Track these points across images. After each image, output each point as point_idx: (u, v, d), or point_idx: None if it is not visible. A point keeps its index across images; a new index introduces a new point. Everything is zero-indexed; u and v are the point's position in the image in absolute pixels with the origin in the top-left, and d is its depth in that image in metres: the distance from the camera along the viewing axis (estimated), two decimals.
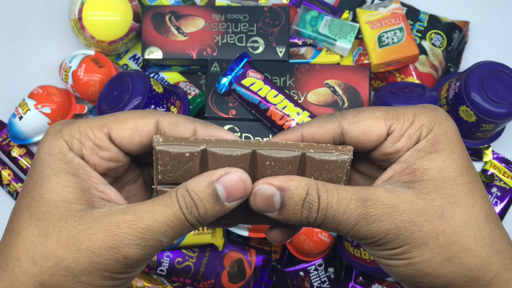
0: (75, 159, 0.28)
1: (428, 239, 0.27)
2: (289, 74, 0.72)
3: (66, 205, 0.27)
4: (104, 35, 0.73)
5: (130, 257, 0.27)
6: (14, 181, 0.76)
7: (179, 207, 0.27)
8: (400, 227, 0.27)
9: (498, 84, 0.64)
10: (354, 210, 0.28)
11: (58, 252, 0.26)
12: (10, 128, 0.74)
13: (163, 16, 0.74)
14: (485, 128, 0.67)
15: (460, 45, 0.77)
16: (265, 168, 0.30)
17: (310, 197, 0.28)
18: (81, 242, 0.26)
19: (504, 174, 0.74)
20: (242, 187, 0.28)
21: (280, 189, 0.28)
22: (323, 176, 0.30)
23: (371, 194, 0.28)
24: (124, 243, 0.26)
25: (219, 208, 0.28)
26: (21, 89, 0.78)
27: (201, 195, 0.28)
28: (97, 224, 0.26)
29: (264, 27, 0.73)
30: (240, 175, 0.28)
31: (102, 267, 0.26)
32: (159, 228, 0.27)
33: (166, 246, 0.28)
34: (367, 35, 0.73)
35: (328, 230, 0.29)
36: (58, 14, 0.81)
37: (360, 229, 0.28)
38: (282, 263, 0.74)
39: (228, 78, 0.69)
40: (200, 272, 0.69)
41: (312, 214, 0.28)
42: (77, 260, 0.26)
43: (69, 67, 0.73)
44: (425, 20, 0.76)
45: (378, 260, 0.30)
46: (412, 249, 0.27)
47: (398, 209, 0.27)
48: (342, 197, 0.28)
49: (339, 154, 0.30)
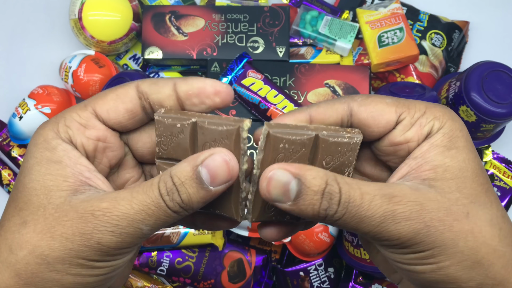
0: (60, 146, 0.27)
1: (459, 240, 0.25)
2: (289, 74, 0.72)
3: (46, 193, 0.26)
4: (104, 35, 0.73)
5: (105, 244, 0.26)
6: (14, 181, 0.76)
7: (158, 193, 0.26)
8: (430, 226, 0.25)
9: (498, 84, 0.64)
10: (379, 206, 0.25)
11: (33, 239, 0.26)
12: (10, 128, 0.74)
13: (163, 16, 0.74)
14: (485, 128, 0.67)
15: (460, 45, 0.77)
16: (278, 151, 0.27)
17: (330, 187, 0.25)
18: (56, 229, 0.26)
19: (504, 174, 0.74)
20: (226, 169, 0.26)
21: (297, 176, 0.25)
22: (335, 161, 0.28)
23: (397, 190, 0.26)
24: (98, 229, 0.25)
25: (204, 193, 0.26)
26: (21, 89, 0.78)
27: (184, 180, 0.26)
28: (73, 211, 0.26)
29: (264, 27, 0.73)
30: (224, 156, 0.26)
31: (76, 254, 0.25)
32: (136, 215, 0.26)
33: (149, 233, 0.27)
34: (367, 35, 0.73)
35: (346, 228, 0.26)
36: (58, 14, 0.81)
37: (386, 228, 0.25)
38: (282, 263, 0.74)
39: (228, 78, 0.69)
40: (200, 272, 0.69)
41: (333, 206, 0.25)
42: (50, 247, 0.25)
43: (69, 67, 0.73)
44: (425, 20, 0.76)
45: (399, 265, 0.27)
46: (442, 251, 0.25)
47: (426, 207, 0.25)
48: (365, 191, 0.25)
49: (351, 135, 0.28)
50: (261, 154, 0.27)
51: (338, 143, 0.28)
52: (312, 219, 0.26)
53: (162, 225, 0.27)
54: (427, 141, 0.27)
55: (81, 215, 0.26)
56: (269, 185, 0.26)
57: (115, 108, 0.29)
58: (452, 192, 0.26)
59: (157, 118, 0.28)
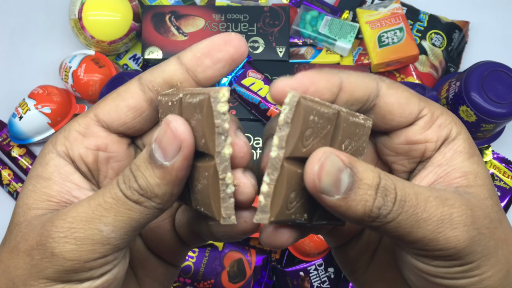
0: (52, 161, 0.25)
1: (498, 249, 0.23)
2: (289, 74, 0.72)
3: (25, 211, 0.24)
4: (104, 35, 0.73)
5: (59, 255, 0.21)
6: (14, 181, 0.76)
7: (116, 183, 0.22)
8: (481, 234, 0.22)
9: (498, 84, 0.64)
10: (436, 208, 0.22)
11: (5, 259, 0.23)
12: (10, 128, 0.74)
13: (163, 16, 0.74)
14: (485, 128, 0.67)
15: (460, 45, 0.77)
16: (308, 125, 0.22)
17: (385, 182, 0.22)
18: (21, 245, 0.23)
19: (504, 174, 0.74)
20: (171, 135, 0.22)
21: (348, 165, 0.21)
22: (352, 145, 0.24)
23: (447, 193, 0.23)
24: (51, 237, 0.22)
25: (161, 171, 0.22)
26: (21, 89, 0.78)
27: (139, 163, 0.22)
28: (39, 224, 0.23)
29: (264, 27, 0.73)
30: (166, 121, 0.22)
31: (38, 271, 0.22)
32: (92, 213, 0.22)
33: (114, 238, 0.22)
34: (367, 35, 0.73)
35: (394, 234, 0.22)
36: (58, 14, 0.81)
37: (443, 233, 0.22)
38: (282, 263, 0.74)
39: (228, 78, 0.69)
40: (200, 272, 0.69)
41: (388, 204, 0.21)
42: (16, 265, 0.22)
43: (69, 67, 0.73)
44: (425, 20, 0.76)
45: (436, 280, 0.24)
46: (486, 261, 0.23)
47: (475, 213, 0.23)
48: (418, 191, 0.22)
49: (364, 118, 0.24)
50: (286, 129, 0.22)
51: (356, 124, 0.24)
52: (356, 220, 0.22)
53: (127, 224, 0.22)
54: (448, 147, 0.25)
55: (43, 224, 0.22)
56: (321, 170, 0.21)
57: (115, 107, 0.25)
58: (486, 199, 0.24)
59: (159, 98, 0.25)
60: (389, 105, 0.25)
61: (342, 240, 0.30)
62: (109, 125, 0.26)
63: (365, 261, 0.30)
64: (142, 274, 0.29)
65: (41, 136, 0.74)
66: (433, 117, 0.25)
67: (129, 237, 0.23)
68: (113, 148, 0.26)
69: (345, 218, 0.22)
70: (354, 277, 0.30)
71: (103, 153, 0.26)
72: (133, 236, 0.23)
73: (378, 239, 0.29)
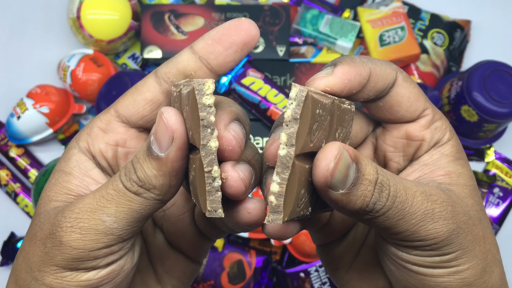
0: (74, 156, 0.26)
1: (476, 245, 0.25)
2: (289, 73, 0.71)
3: (45, 202, 0.25)
4: (102, 34, 0.73)
5: (66, 243, 0.23)
6: (12, 181, 0.75)
7: (118, 176, 0.24)
8: (460, 228, 0.24)
9: (500, 83, 0.64)
10: (421, 203, 0.23)
11: (26, 246, 0.25)
12: (8, 128, 0.73)
13: (162, 15, 0.73)
14: (487, 128, 0.66)
15: (462, 44, 0.77)
16: (315, 119, 0.21)
17: (382, 177, 0.22)
18: (38, 235, 0.24)
19: (507, 174, 0.74)
20: (163, 126, 0.22)
21: (355, 160, 0.22)
22: (343, 132, 0.24)
23: (431, 189, 0.24)
24: (60, 226, 0.23)
25: (157, 162, 0.23)
26: (19, 88, 0.77)
27: (139, 156, 0.23)
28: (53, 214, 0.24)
29: (264, 26, 0.73)
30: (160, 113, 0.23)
31: (49, 259, 0.23)
32: (96, 204, 0.23)
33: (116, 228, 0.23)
34: (368, 34, 0.73)
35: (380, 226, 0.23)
36: (56, 13, 0.81)
37: (424, 226, 0.23)
38: (282, 264, 0.73)
39: (228, 78, 0.68)
40: (200, 273, 0.69)
41: (382, 200, 0.22)
42: (33, 252, 0.24)
43: (68, 66, 0.72)
44: (427, 19, 0.75)
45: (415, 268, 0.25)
46: (463, 254, 0.24)
47: (455, 209, 0.24)
48: (406, 186, 0.23)
49: (349, 103, 0.24)
50: (294, 126, 0.21)
51: (345, 110, 0.24)
52: (352, 213, 0.23)
53: (128, 215, 0.23)
54: (436, 150, 0.27)
55: (55, 215, 0.24)
56: (336, 167, 0.21)
57: (133, 101, 0.26)
58: (467, 198, 0.26)
59: (172, 90, 0.25)
60: (399, 96, 0.26)
61: (330, 238, 0.31)
62: (128, 120, 0.26)
63: (348, 259, 0.30)
64: (161, 269, 0.30)
65: (39, 136, 0.73)
66: (433, 119, 0.26)
67: (132, 228, 0.24)
68: (131, 143, 0.27)
69: (341, 211, 0.23)
70: (336, 275, 0.31)
71: (122, 149, 0.27)
72: (137, 228, 0.24)
73: (363, 238, 0.30)
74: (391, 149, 0.28)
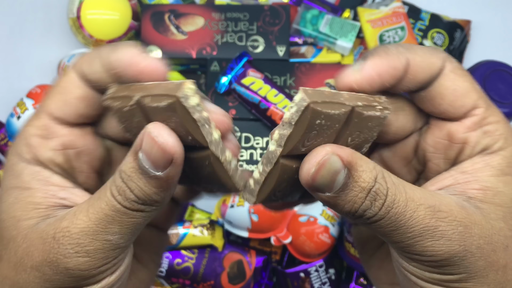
0: (26, 170, 0.24)
1: (489, 272, 0.22)
2: (289, 73, 0.71)
3: (14, 224, 0.23)
4: (102, 34, 0.73)
5: (74, 268, 0.22)
6: None
7: (110, 195, 0.22)
8: (468, 252, 0.22)
9: (500, 83, 0.64)
10: (422, 219, 0.22)
11: (10, 275, 0.23)
12: (8, 128, 0.73)
13: (162, 15, 0.73)
14: None
15: (462, 44, 0.77)
16: (313, 128, 0.21)
17: (379, 186, 0.21)
18: (26, 261, 0.23)
19: None
20: (158, 149, 0.21)
21: (348, 166, 0.21)
22: (360, 137, 0.23)
23: (443, 204, 0.22)
24: (62, 254, 0.22)
25: (155, 182, 0.22)
26: (19, 88, 0.77)
27: (130, 173, 0.22)
28: (38, 238, 0.23)
29: (264, 26, 0.73)
30: (149, 133, 0.21)
31: (52, 285, 0.22)
32: (96, 227, 0.22)
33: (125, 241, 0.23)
34: (368, 34, 0.73)
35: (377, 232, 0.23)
36: (56, 13, 0.81)
37: (421, 243, 0.22)
38: (282, 264, 0.73)
39: (228, 78, 0.68)
40: (200, 273, 0.69)
41: (374, 209, 0.22)
42: (26, 281, 0.23)
43: (68, 66, 0.73)
44: (427, 19, 0.75)
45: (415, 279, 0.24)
46: (470, 279, 0.22)
47: (470, 230, 0.22)
48: (410, 197, 0.22)
49: (382, 108, 0.23)
50: (288, 129, 0.21)
51: (370, 118, 0.23)
52: (342, 214, 0.23)
53: (135, 226, 0.23)
54: (482, 158, 0.24)
55: (44, 240, 0.22)
56: (318, 172, 0.21)
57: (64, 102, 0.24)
58: (497, 220, 0.23)
59: (107, 104, 0.24)
60: (443, 88, 0.24)
61: None
62: (67, 120, 0.25)
63: (373, 246, 0.30)
64: (139, 249, 0.29)
65: None
66: (483, 120, 0.24)
67: (136, 236, 0.24)
68: (79, 143, 0.25)
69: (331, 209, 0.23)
70: (362, 258, 0.31)
71: (72, 150, 0.25)
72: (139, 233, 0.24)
73: None
74: (431, 149, 0.26)
